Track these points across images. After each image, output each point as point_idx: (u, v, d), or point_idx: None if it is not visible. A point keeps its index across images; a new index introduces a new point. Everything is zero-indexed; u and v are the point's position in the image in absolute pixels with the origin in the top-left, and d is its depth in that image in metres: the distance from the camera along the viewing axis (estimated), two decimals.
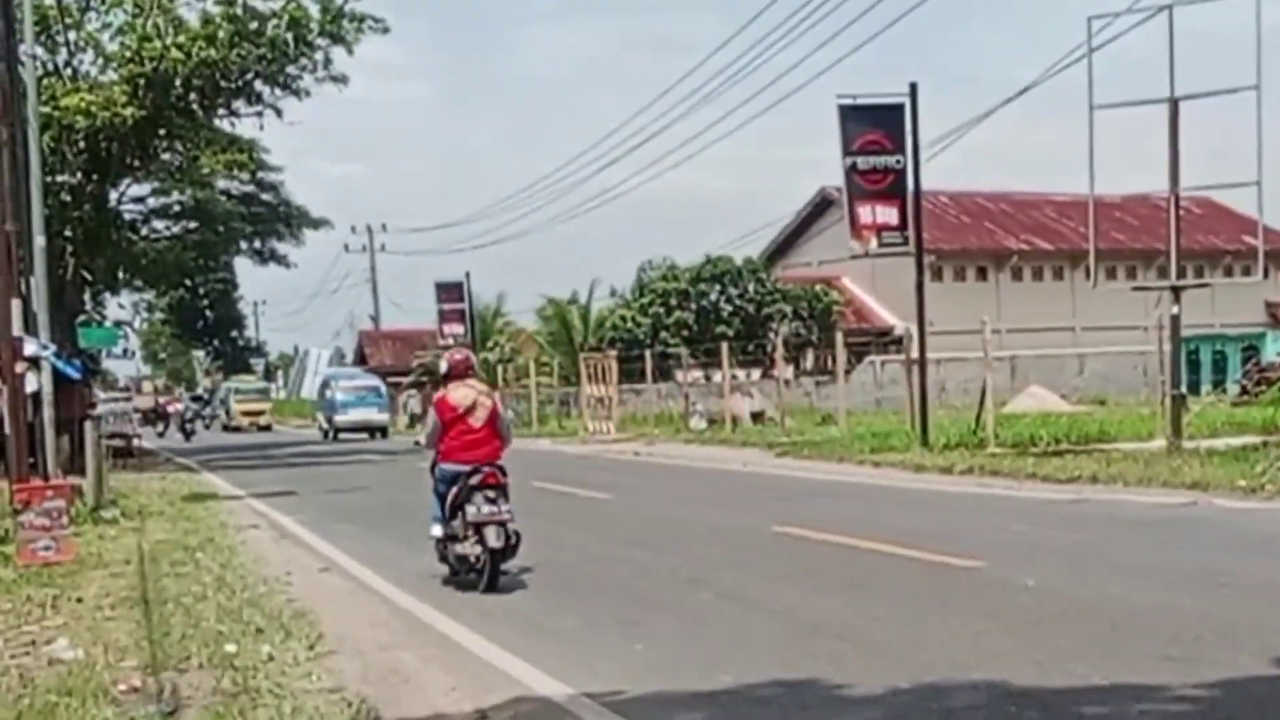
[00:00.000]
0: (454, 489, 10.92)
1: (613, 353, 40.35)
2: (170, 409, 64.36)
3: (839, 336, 32.49)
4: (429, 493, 11.31)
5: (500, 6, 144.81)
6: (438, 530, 11.26)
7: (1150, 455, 18.95)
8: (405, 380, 60.54)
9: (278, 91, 31.63)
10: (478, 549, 10.72)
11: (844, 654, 7.82)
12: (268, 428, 65.00)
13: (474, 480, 10.82)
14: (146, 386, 77.62)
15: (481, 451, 10.99)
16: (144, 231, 40.46)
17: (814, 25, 50.71)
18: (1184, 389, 22.46)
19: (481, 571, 10.75)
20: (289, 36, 29.71)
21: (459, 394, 11.15)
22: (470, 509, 10.73)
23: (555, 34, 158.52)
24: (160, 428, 58.90)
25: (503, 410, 11.63)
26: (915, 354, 25.19)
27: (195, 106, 30.97)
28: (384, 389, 53.76)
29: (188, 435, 54.01)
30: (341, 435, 50.04)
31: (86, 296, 35.81)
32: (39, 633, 9.18)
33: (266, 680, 7.41)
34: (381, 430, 50.42)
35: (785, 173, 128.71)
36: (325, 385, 55.92)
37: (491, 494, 10.80)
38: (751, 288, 46.43)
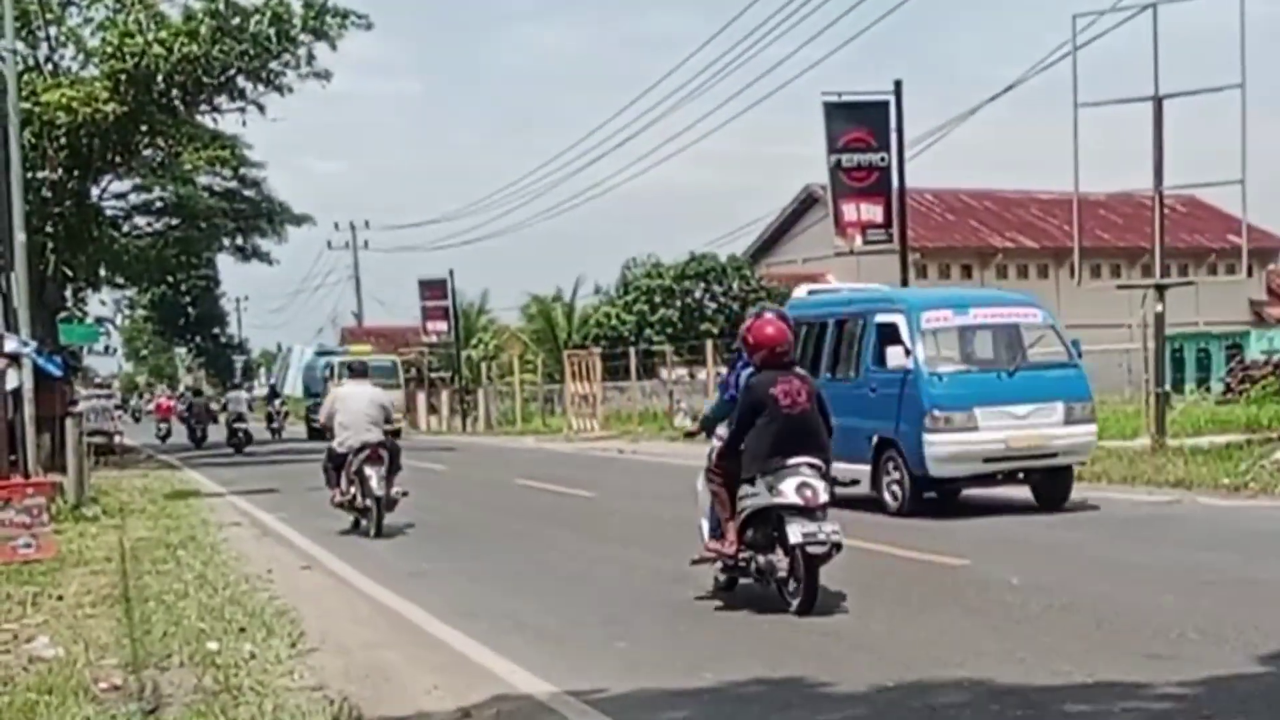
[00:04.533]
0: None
1: (597, 350, 40.32)
2: (131, 404, 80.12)
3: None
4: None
5: (487, 3, 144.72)
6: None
7: (1134, 453, 18.98)
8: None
9: (260, 87, 31.47)
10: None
11: (828, 652, 7.80)
12: (396, 434, 18.92)
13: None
14: (114, 385, 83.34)
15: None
16: (125, 228, 40.17)
17: (799, 22, 50.69)
18: (1168, 387, 22.51)
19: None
20: (271, 32, 29.55)
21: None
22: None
23: (542, 31, 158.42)
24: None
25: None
26: None
27: (177, 102, 30.80)
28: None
29: (136, 418, 71.78)
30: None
31: (68, 293, 35.53)
32: (19, 630, 9.12)
33: (248, 678, 7.37)
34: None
35: (770, 170, 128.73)
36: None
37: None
38: (736, 285, 46.42)
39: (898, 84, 24.23)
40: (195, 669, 7.67)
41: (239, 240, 43.28)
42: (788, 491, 8.85)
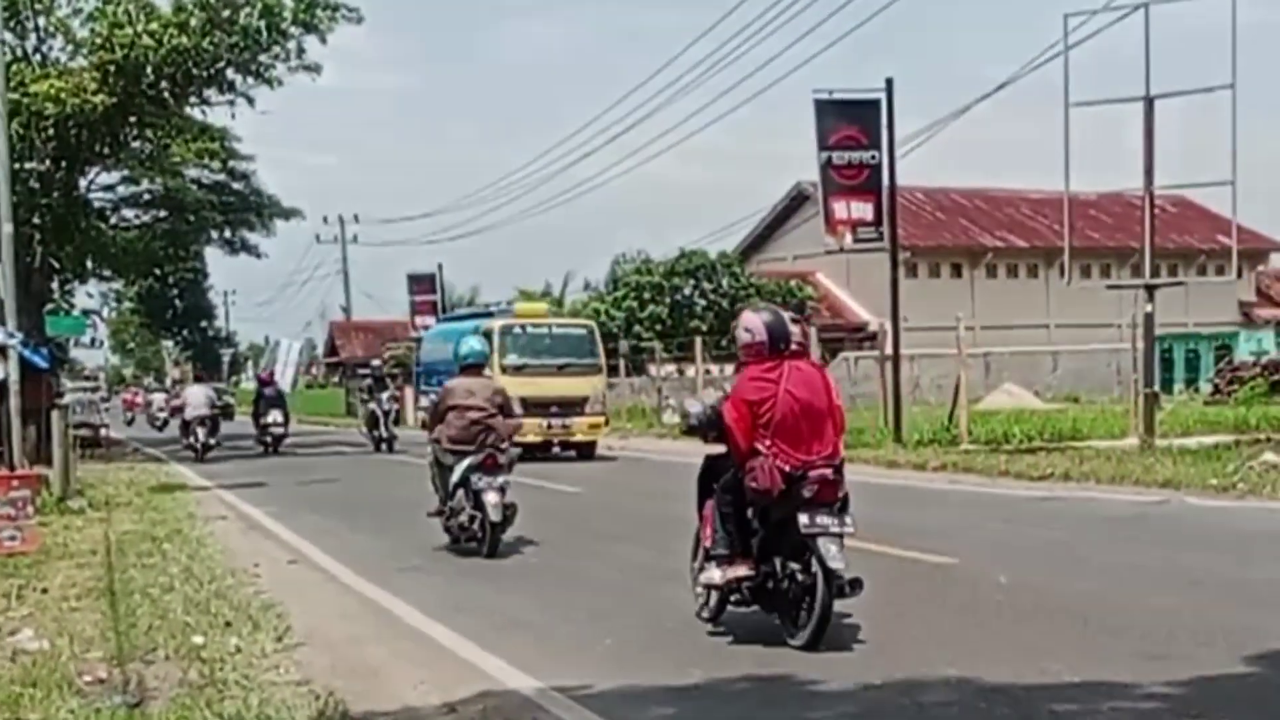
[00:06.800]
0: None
1: None
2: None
3: (813, 332, 32.51)
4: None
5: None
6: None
7: (1123, 453, 19.01)
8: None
9: (250, 80, 31.35)
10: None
11: (816, 650, 7.77)
12: (590, 447, 27.01)
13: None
14: (101, 377, 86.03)
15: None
16: (113, 220, 39.99)
17: (791, 19, 50.74)
18: (1157, 387, 22.54)
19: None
20: (262, 25, 29.40)
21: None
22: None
23: (534, 27, 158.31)
24: None
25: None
26: (889, 350, 25.21)
27: (166, 94, 30.64)
28: None
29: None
30: None
31: (54, 285, 35.38)
32: (3, 623, 9.07)
33: (234, 672, 7.34)
34: None
35: (761, 167, 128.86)
36: None
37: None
38: (726, 282, 46.41)
39: (889, 82, 24.22)
40: (180, 663, 7.63)
41: (227, 233, 43.10)
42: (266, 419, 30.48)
